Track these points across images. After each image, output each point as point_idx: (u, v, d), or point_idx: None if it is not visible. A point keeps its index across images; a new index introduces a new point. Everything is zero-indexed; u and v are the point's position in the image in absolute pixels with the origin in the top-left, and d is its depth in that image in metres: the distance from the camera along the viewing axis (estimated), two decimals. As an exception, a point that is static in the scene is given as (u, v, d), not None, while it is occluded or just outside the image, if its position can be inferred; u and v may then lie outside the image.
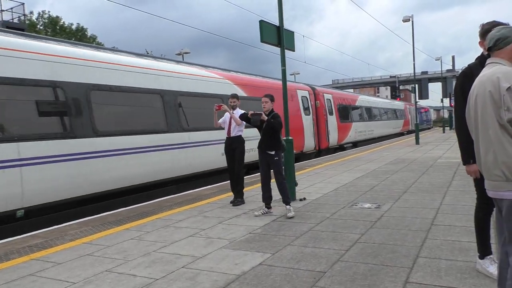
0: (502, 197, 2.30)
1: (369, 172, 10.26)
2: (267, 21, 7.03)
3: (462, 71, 3.34)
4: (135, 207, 7.26)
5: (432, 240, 4.33)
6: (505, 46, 2.38)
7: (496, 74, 2.27)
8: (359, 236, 4.61)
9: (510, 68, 2.30)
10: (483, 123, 2.33)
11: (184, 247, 4.60)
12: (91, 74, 7.74)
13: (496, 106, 2.23)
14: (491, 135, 2.27)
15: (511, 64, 2.37)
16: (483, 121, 2.33)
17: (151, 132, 8.85)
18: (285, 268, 3.73)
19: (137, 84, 8.71)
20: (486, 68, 2.44)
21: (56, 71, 7.11)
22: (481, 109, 2.33)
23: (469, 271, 3.42)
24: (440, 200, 6.30)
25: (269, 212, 6.06)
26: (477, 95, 2.38)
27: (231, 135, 7.06)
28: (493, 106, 2.24)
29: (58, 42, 8.20)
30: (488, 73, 2.35)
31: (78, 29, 38.38)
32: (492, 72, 2.32)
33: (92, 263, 4.20)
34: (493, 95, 2.24)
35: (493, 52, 2.45)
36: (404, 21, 22.53)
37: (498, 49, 2.41)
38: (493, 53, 2.45)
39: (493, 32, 2.45)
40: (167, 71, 9.78)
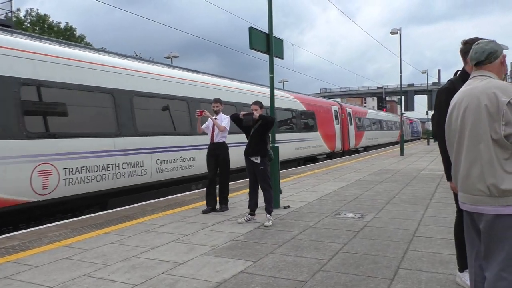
0: (483, 211, 2.28)
1: (353, 181, 10.31)
2: (256, 28, 7.04)
3: (445, 87, 3.28)
4: (117, 211, 7.16)
5: (413, 251, 4.35)
6: (495, 60, 2.39)
7: (491, 88, 2.25)
8: (342, 246, 4.61)
9: (504, 82, 2.32)
10: (472, 136, 2.30)
11: (165, 252, 4.54)
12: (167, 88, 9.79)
13: (492, 120, 2.21)
14: (482, 149, 2.24)
15: (498, 77, 2.38)
16: (473, 134, 2.29)
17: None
18: (266, 277, 3.70)
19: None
20: (474, 81, 2.41)
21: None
22: (473, 122, 2.30)
23: (449, 283, 3.44)
24: (422, 212, 6.35)
25: (252, 219, 6.03)
26: (467, 108, 2.34)
27: (215, 141, 6.92)
28: (489, 120, 2.22)
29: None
30: (481, 86, 2.32)
31: (66, 28, 37.94)
32: (486, 85, 2.29)
33: (69, 267, 4.11)
34: (489, 109, 2.21)
35: (482, 66, 2.43)
36: (392, 34, 22.86)
37: (489, 63, 2.40)
38: (481, 66, 2.44)
39: (481, 45, 2.43)
40: (240, 89, 12.86)
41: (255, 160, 5.97)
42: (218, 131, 6.87)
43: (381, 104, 57.33)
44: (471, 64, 2.50)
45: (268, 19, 7.15)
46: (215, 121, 6.84)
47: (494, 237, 2.26)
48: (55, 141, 6.89)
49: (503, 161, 2.20)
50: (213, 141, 6.94)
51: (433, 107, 30.76)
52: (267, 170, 6.05)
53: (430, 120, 3.92)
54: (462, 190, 2.40)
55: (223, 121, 6.88)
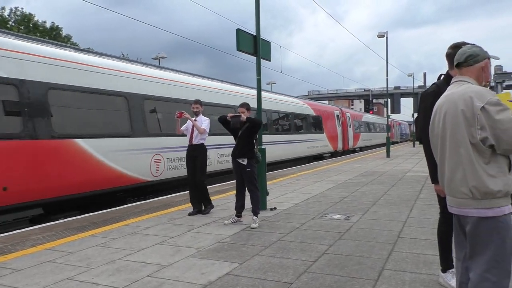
0: (467, 214, 2.32)
1: (340, 183, 10.38)
2: (244, 30, 7.05)
3: (430, 90, 3.31)
4: (102, 213, 7.09)
5: (398, 252, 4.40)
6: (474, 64, 2.41)
7: (468, 93, 2.29)
8: (327, 247, 4.64)
9: (481, 87, 2.34)
10: (452, 141, 2.34)
11: (150, 255, 4.51)
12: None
13: (469, 124, 2.25)
14: (462, 154, 2.28)
15: (477, 83, 2.42)
16: (453, 139, 2.33)
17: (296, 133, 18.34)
18: (252, 279, 3.70)
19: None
20: (454, 86, 2.46)
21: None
22: (452, 127, 2.34)
23: (432, 284, 3.48)
24: (407, 213, 6.42)
25: (239, 221, 6.02)
26: (447, 113, 2.38)
27: (193, 142, 6.83)
28: (466, 124, 2.25)
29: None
30: (459, 91, 2.36)
31: (52, 27, 37.46)
32: (463, 90, 2.33)
33: (53, 270, 4.06)
34: (466, 114, 2.25)
35: (462, 68, 2.46)
36: (379, 37, 23.10)
37: (467, 66, 2.43)
38: (461, 69, 2.47)
39: (464, 48, 2.47)
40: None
41: (242, 162, 5.97)
42: (197, 132, 6.80)
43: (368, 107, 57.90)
44: (455, 65, 2.53)
45: (256, 21, 7.16)
46: (195, 123, 6.76)
47: (479, 240, 2.30)
48: (162, 138, 9.40)
49: (483, 165, 2.24)
50: (192, 143, 6.85)
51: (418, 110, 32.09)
52: (254, 172, 6.05)
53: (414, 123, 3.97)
54: (448, 193, 2.44)
55: (203, 123, 6.82)
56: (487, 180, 2.22)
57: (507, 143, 2.18)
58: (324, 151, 21.87)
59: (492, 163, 2.23)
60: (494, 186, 2.21)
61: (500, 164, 2.23)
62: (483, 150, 2.23)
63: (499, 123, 2.18)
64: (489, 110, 2.20)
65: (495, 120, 2.18)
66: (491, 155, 2.23)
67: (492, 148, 2.22)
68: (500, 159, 2.24)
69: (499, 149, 2.21)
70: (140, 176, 8.99)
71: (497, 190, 2.21)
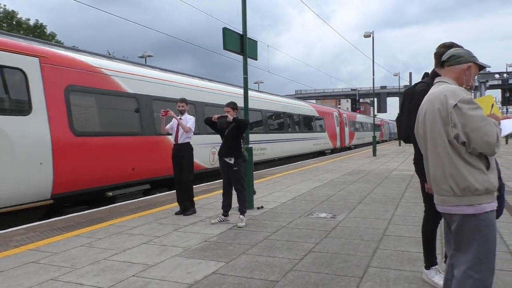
0: (450, 211, 2.36)
1: (327, 182, 10.44)
2: (230, 29, 7.04)
3: (421, 89, 3.32)
4: (88, 213, 7.02)
5: (383, 250, 4.45)
6: (456, 64, 2.45)
7: (443, 92, 2.34)
8: (313, 246, 4.66)
9: (457, 87, 2.39)
10: (432, 140, 2.39)
11: (136, 255, 4.48)
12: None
13: (444, 123, 2.30)
14: (440, 151, 2.34)
15: (457, 84, 2.46)
16: (432, 137, 2.39)
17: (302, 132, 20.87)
18: (238, 277, 3.70)
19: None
20: (434, 87, 2.52)
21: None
22: (430, 125, 2.40)
23: (416, 281, 3.53)
24: (392, 211, 6.50)
25: (225, 220, 6.02)
26: (426, 112, 2.44)
27: (179, 141, 6.77)
28: (442, 122, 2.31)
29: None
30: (436, 91, 2.42)
31: (36, 25, 36.87)
32: (440, 90, 2.39)
33: (36, 271, 4.00)
34: (441, 112, 2.31)
35: (444, 68, 2.52)
36: (365, 37, 23.28)
37: (449, 65, 2.48)
38: (444, 69, 2.52)
39: (451, 49, 2.53)
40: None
41: (229, 161, 5.97)
42: (182, 131, 6.74)
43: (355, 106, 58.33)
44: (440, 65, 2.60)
45: (242, 20, 7.16)
46: (180, 121, 6.71)
47: (462, 237, 2.34)
48: (214, 135, 9.46)
49: (461, 162, 2.28)
50: (177, 142, 6.79)
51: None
52: (240, 171, 6.05)
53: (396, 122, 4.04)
54: (434, 192, 2.48)
55: (188, 122, 6.78)
56: (465, 176, 2.26)
57: (475, 142, 2.22)
58: (326, 148, 24.88)
59: (469, 161, 2.27)
60: (472, 183, 2.25)
61: (477, 162, 2.27)
62: (458, 147, 2.28)
63: (470, 121, 2.22)
64: (461, 107, 2.25)
65: (466, 118, 2.23)
66: (467, 153, 2.27)
67: (466, 145, 2.27)
68: (476, 157, 2.28)
69: (469, 147, 2.25)
70: (204, 164, 11.76)
71: (475, 187, 2.25)
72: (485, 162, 2.29)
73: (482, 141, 2.21)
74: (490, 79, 46.85)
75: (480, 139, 2.21)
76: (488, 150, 2.23)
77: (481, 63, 2.49)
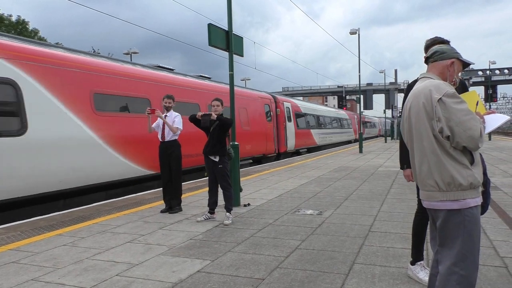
0: (435, 207, 2.36)
1: (313, 179, 10.46)
2: (216, 25, 6.97)
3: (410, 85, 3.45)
4: (71, 211, 6.90)
5: (368, 246, 4.45)
6: (440, 60, 2.47)
7: (428, 87, 2.35)
8: (300, 243, 4.65)
9: (441, 81, 2.39)
10: (417, 134, 2.40)
11: (120, 254, 4.41)
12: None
13: (429, 117, 2.30)
14: (426, 146, 2.34)
15: (441, 79, 2.46)
16: (417, 132, 2.39)
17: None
18: (224, 276, 3.67)
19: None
20: (418, 82, 2.53)
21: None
22: (415, 120, 2.40)
23: (401, 277, 3.54)
24: (378, 208, 6.52)
25: (211, 218, 5.97)
26: (411, 107, 2.44)
27: (166, 139, 6.67)
28: (427, 117, 2.31)
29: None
30: (421, 86, 2.43)
31: (18, 21, 36.15)
32: (424, 85, 2.40)
33: (17, 271, 3.91)
34: (426, 107, 2.31)
35: (429, 64, 2.54)
36: (351, 34, 23.37)
37: (433, 61, 2.49)
38: (428, 65, 2.54)
39: (435, 46, 2.55)
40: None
41: (214, 158, 5.92)
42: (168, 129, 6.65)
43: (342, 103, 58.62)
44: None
45: (228, 16, 7.10)
46: (167, 122, 6.59)
47: (447, 233, 2.34)
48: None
49: (445, 156, 2.28)
50: (164, 139, 6.69)
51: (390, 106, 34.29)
52: (226, 169, 6.01)
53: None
54: (420, 187, 2.48)
55: (174, 119, 6.68)
56: (449, 171, 2.26)
57: (459, 136, 2.22)
58: (351, 139, 38.81)
59: (453, 155, 2.28)
60: (456, 177, 2.25)
61: (461, 157, 2.28)
62: (443, 141, 2.28)
63: (454, 115, 2.23)
64: (445, 101, 2.25)
65: (451, 111, 2.24)
66: (452, 147, 2.28)
67: (450, 139, 2.27)
68: (461, 152, 2.28)
69: (453, 141, 2.25)
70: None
71: (459, 182, 2.25)
72: (469, 157, 2.29)
73: (465, 135, 2.21)
74: (473, 76, 47.55)
75: (464, 133, 2.21)
76: (472, 144, 2.23)
77: (465, 59, 2.51)
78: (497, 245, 4.33)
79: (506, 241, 4.49)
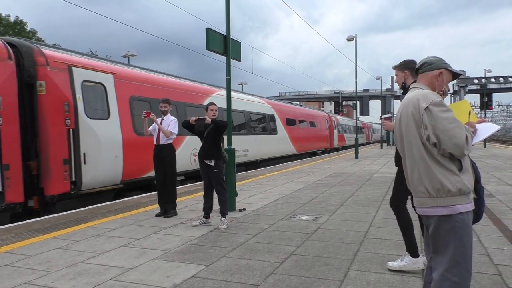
0: (426, 213, 2.41)
1: (309, 184, 10.46)
2: (214, 30, 6.99)
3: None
4: (65, 214, 6.86)
5: (363, 253, 4.46)
6: (428, 71, 2.55)
7: (416, 96, 2.44)
8: (295, 248, 4.65)
9: (428, 91, 2.48)
10: (407, 142, 2.46)
11: (114, 257, 4.39)
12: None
13: (417, 125, 2.38)
14: (415, 154, 2.40)
15: (430, 89, 2.53)
16: (407, 140, 2.46)
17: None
18: (218, 281, 3.65)
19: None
20: (408, 93, 2.62)
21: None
22: (405, 129, 2.47)
23: (396, 284, 3.54)
24: (373, 214, 6.53)
25: (207, 222, 5.96)
26: (401, 117, 2.53)
27: (160, 143, 6.65)
28: (415, 125, 2.39)
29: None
30: (410, 96, 2.53)
31: (16, 22, 36.06)
32: (413, 95, 2.49)
33: (10, 274, 3.88)
34: (414, 115, 2.39)
35: (418, 75, 2.64)
36: (348, 40, 23.48)
37: (422, 72, 2.58)
38: (417, 76, 2.64)
39: (424, 58, 2.65)
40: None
41: (209, 163, 5.91)
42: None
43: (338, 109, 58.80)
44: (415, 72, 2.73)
45: (226, 21, 7.12)
46: (160, 127, 6.56)
47: (439, 240, 2.38)
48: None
49: (434, 163, 2.34)
50: (159, 143, 6.67)
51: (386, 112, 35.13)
52: (221, 173, 6.00)
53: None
54: (413, 195, 2.52)
55: (170, 124, 6.66)
56: (438, 177, 2.31)
57: (445, 143, 2.28)
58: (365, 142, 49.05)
59: (441, 162, 2.33)
60: (445, 184, 2.30)
61: (449, 163, 2.33)
62: (431, 149, 2.34)
63: (440, 123, 2.30)
64: (432, 110, 2.33)
65: (436, 120, 2.31)
66: (439, 154, 2.33)
67: (436, 147, 2.32)
68: (448, 158, 2.33)
69: (439, 149, 2.31)
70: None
71: (448, 188, 2.29)
72: (457, 164, 2.34)
73: (451, 143, 2.27)
74: (469, 84, 47.81)
75: (449, 140, 2.28)
76: (457, 151, 2.29)
77: (453, 69, 2.58)
78: (491, 253, 4.35)
79: (501, 248, 4.51)
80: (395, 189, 4.00)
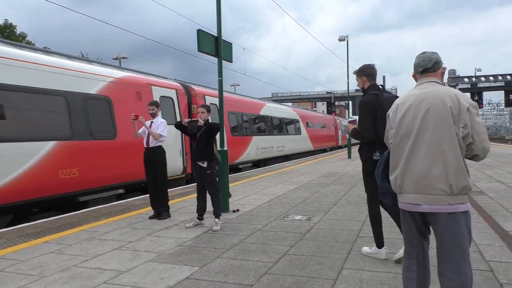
0: (440, 211, 2.34)
1: (302, 184, 10.49)
2: (205, 31, 6.99)
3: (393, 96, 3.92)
4: (58, 218, 6.82)
5: (357, 251, 4.49)
6: (438, 69, 2.58)
7: (452, 91, 2.41)
8: (288, 248, 4.66)
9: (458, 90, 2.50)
10: (435, 137, 2.35)
11: (108, 261, 4.37)
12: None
13: (454, 121, 2.34)
14: (446, 150, 2.33)
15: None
16: (435, 134, 2.35)
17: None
18: (212, 282, 3.66)
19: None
20: (427, 86, 2.50)
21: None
22: (435, 123, 2.36)
23: (388, 281, 3.57)
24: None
25: (200, 224, 5.96)
26: (430, 109, 2.39)
27: (150, 145, 6.62)
28: (453, 121, 2.35)
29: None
30: (442, 89, 2.43)
31: (6, 25, 35.73)
32: (445, 89, 2.43)
33: (2, 280, 3.85)
34: (453, 111, 2.34)
35: (427, 73, 2.54)
36: (340, 40, 23.59)
37: (433, 71, 2.56)
38: (426, 74, 2.55)
39: (427, 55, 2.56)
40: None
41: (202, 164, 5.91)
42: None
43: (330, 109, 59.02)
44: (417, 71, 2.59)
45: (217, 22, 7.13)
46: (149, 129, 6.54)
47: (450, 236, 2.37)
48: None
49: (464, 161, 2.39)
50: (149, 145, 6.64)
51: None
52: (214, 174, 6.00)
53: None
54: (416, 191, 2.41)
55: (159, 126, 6.64)
56: (466, 175, 2.36)
57: (476, 146, 2.35)
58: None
59: (466, 162, 2.42)
60: (469, 182, 2.38)
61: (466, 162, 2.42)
62: (463, 147, 2.37)
63: (477, 125, 2.35)
64: (471, 111, 2.36)
65: (474, 122, 2.35)
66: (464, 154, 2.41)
67: (467, 147, 2.37)
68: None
69: (468, 149, 2.38)
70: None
71: (470, 187, 2.37)
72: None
73: (481, 146, 2.35)
74: (459, 82, 48.22)
75: (480, 144, 2.35)
76: (483, 155, 2.38)
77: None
78: (482, 249, 4.39)
79: (492, 245, 4.56)
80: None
